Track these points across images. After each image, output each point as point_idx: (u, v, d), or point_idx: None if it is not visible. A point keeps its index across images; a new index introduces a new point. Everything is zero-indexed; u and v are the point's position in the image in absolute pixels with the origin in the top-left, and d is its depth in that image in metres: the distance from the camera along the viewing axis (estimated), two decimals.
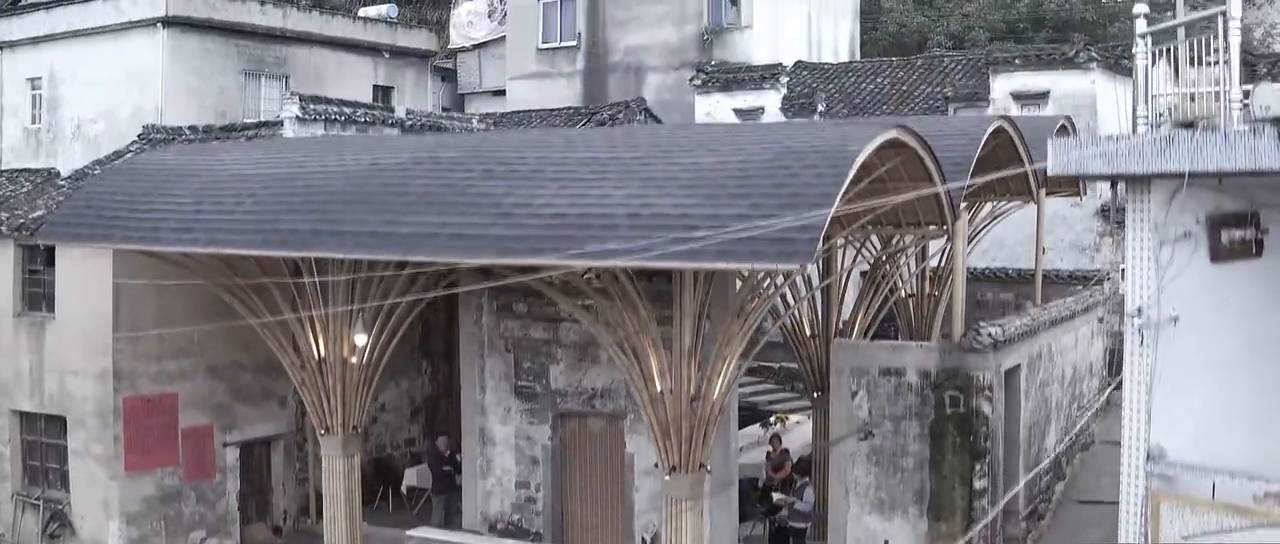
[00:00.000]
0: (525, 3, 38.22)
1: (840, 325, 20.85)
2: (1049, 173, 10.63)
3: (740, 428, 21.18)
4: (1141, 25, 12.59)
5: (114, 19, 35.30)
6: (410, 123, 23.79)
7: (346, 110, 22.47)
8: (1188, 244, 10.32)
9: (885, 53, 46.30)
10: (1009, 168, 21.35)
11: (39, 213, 21.06)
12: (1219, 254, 10.35)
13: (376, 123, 22.98)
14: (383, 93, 39.07)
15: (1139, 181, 10.18)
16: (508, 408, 20.00)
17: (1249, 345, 10.35)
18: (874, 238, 20.31)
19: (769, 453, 22.81)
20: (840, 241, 19.35)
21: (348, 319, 17.70)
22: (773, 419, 25.54)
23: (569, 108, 34.32)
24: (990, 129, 18.98)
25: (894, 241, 19.48)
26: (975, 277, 25.92)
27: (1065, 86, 27.84)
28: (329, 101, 22.51)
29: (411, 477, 22.66)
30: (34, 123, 37.75)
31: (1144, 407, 10.08)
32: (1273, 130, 9.15)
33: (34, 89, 37.68)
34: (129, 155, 23.30)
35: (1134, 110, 12.45)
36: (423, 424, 24.51)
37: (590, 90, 36.68)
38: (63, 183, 22.60)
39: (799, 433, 24.70)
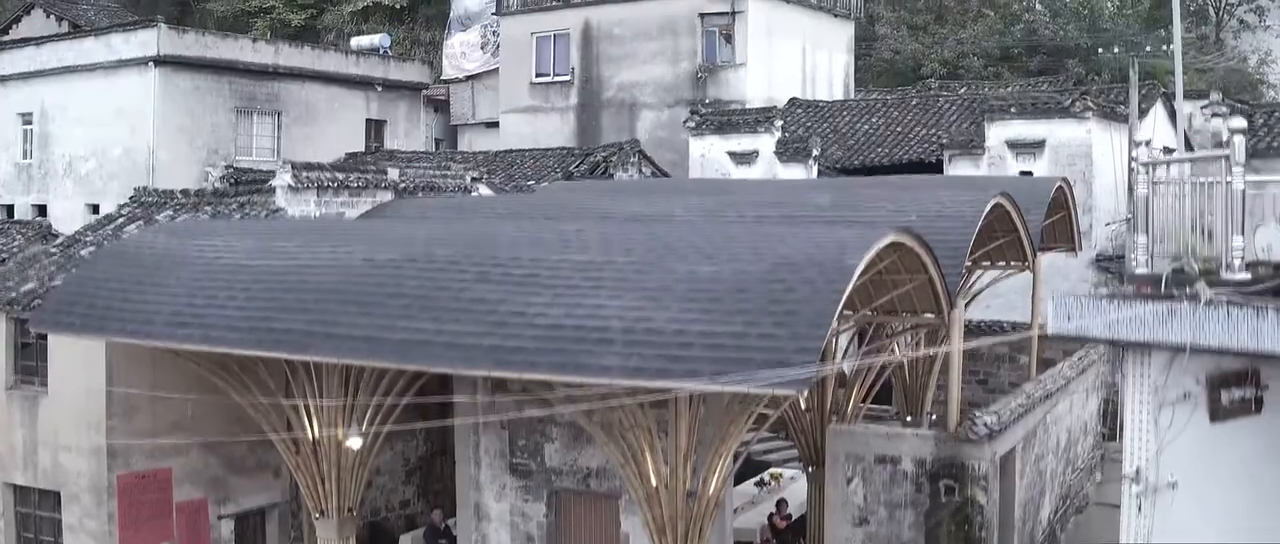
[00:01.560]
0: (518, 35, 38.11)
1: (837, 378, 20.79)
2: (1050, 332, 10.59)
3: (733, 485, 21.14)
4: (1144, 154, 12.56)
5: (105, 57, 35.22)
6: (403, 185, 23.74)
7: (339, 177, 22.39)
8: (1187, 405, 10.28)
9: (879, 78, 46.31)
10: (1005, 236, 21.42)
11: (30, 285, 20.95)
12: (1218, 414, 10.30)
13: (369, 187, 22.91)
14: (375, 126, 39.03)
15: (1140, 347, 10.14)
16: (503, 484, 19.97)
17: (1247, 504, 10.31)
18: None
19: (772, 514, 22.84)
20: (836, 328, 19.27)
21: (342, 408, 17.64)
22: (767, 477, 25.50)
23: (562, 149, 34.32)
24: (987, 208, 18.95)
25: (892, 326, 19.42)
26: (970, 329, 25.87)
27: (1061, 135, 27.77)
28: (321, 168, 22.42)
29: (406, 542, 22.61)
30: (25, 158, 37.67)
31: None
32: (1275, 315, 9.10)
33: (25, 124, 37.59)
34: (121, 219, 23.22)
35: (1135, 239, 12.45)
36: (417, 485, 24.44)
37: (584, 125, 36.61)
38: (54, 250, 22.46)
39: (795, 489, 24.65)
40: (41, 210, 37.06)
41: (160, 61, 34.03)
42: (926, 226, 18.50)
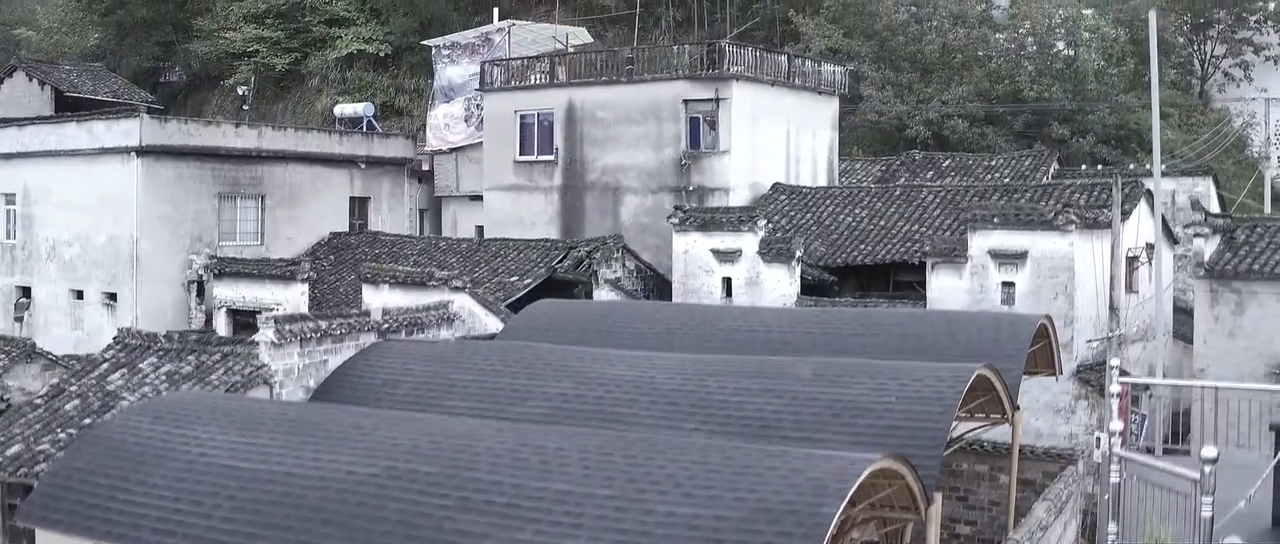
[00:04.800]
0: (502, 112, 38.04)
1: None
2: None
3: None
4: (1114, 385, 12.77)
5: (87, 144, 35.18)
6: (386, 325, 23.85)
7: (321, 325, 22.47)
8: None
9: (863, 140, 46.39)
10: (985, 395, 21.58)
11: (16, 448, 21.05)
12: None
13: (352, 332, 22.99)
14: (359, 204, 39.03)
15: None
16: None
17: None
18: None
19: None
20: None
21: None
22: None
23: (546, 240, 34.44)
24: (966, 386, 19.09)
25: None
26: (949, 444, 26.08)
27: (1043, 248, 27.88)
28: (304, 318, 22.48)
29: None
30: (9, 238, 37.65)
31: None
32: None
33: (8, 204, 37.53)
34: (104, 365, 23.26)
35: (1107, 527, 12.68)
36: None
37: (568, 206, 36.62)
38: (39, 402, 22.51)
39: None
40: (26, 292, 37.09)
41: (143, 151, 33.94)
42: (905, 411, 18.71)
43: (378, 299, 29.93)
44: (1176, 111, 45.18)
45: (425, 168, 41.88)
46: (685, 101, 35.02)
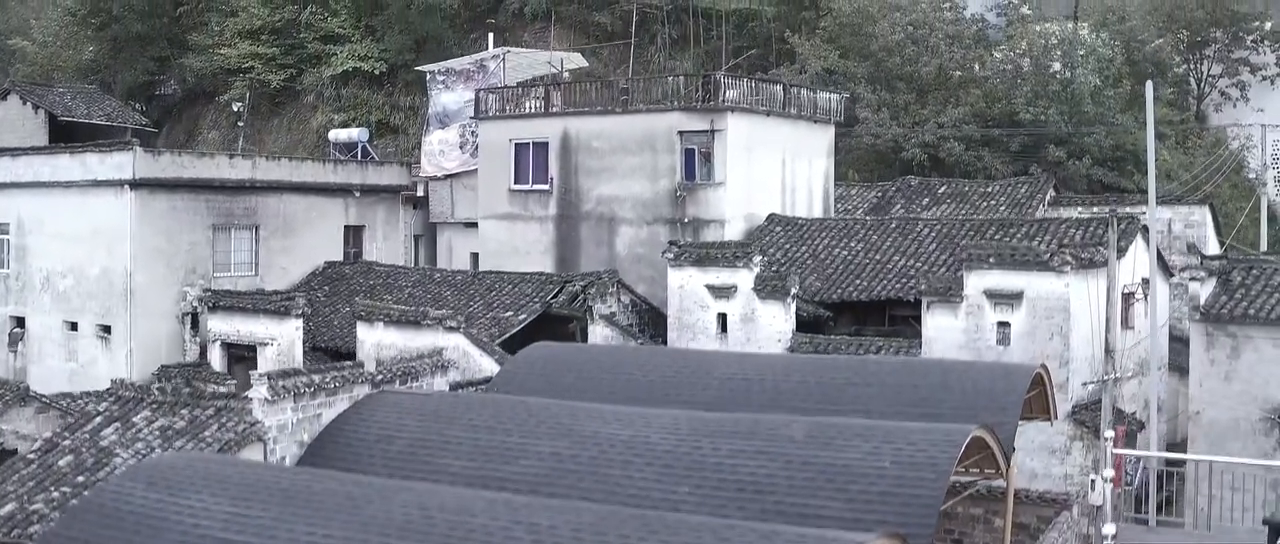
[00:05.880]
0: (496, 141, 37.95)
1: None
2: None
3: None
4: (1109, 470, 12.76)
5: (81, 175, 35.06)
6: (380, 377, 23.80)
7: (315, 380, 22.36)
8: None
9: (859, 162, 46.30)
10: (980, 453, 21.53)
11: (10, 507, 20.98)
12: None
13: (347, 383, 22.90)
14: (354, 232, 38.94)
15: None
16: None
17: None
18: None
19: None
20: None
21: None
22: None
23: (541, 274, 34.40)
24: (964, 444, 19.05)
25: None
26: (944, 499, 26.03)
27: (1039, 288, 27.82)
28: (298, 373, 22.39)
29: None
30: (3, 267, 37.49)
31: None
32: None
33: (2, 234, 37.38)
34: (98, 418, 23.16)
35: None
36: None
37: (563, 236, 36.55)
38: (33, 456, 22.44)
39: None
40: (20, 322, 37.01)
41: (136, 184, 33.83)
42: (898, 477, 18.66)
43: (372, 337, 29.92)
44: (1173, 132, 45.11)
45: (420, 193, 41.79)
46: (680, 133, 34.93)
